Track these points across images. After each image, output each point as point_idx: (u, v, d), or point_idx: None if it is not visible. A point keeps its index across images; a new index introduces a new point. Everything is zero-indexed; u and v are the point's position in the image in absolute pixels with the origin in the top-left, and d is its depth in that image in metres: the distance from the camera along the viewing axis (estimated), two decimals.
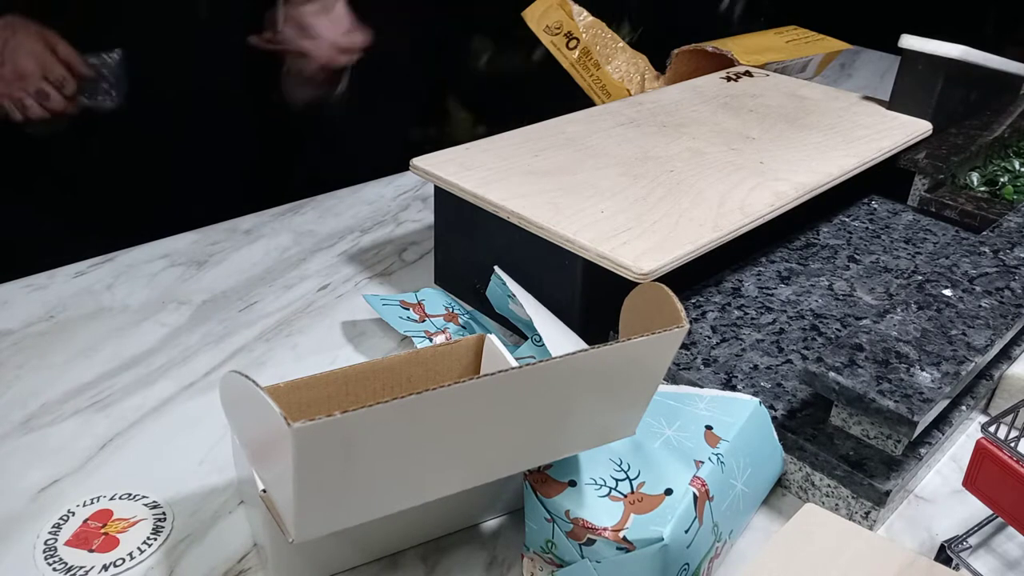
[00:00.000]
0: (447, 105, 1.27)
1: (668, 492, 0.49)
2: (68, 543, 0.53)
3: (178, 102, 0.95)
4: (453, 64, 1.26)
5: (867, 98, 0.99)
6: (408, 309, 0.73)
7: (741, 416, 0.55)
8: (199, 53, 0.97)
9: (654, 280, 0.60)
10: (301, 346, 0.73)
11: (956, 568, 0.53)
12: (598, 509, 0.48)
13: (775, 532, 0.56)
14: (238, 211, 0.94)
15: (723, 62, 1.11)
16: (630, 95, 1.04)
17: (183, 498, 0.57)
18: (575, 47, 1.03)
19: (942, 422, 0.61)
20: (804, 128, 0.89)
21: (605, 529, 0.47)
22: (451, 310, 0.74)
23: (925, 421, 0.53)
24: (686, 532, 0.48)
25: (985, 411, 0.68)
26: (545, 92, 1.17)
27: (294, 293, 0.81)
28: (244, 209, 0.95)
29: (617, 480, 0.50)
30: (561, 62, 1.05)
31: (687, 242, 0.65)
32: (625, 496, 0.49)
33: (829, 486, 0.57)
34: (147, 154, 0.96)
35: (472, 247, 0.76)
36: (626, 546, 0.47)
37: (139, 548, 0.53)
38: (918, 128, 0.90)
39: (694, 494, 0.49)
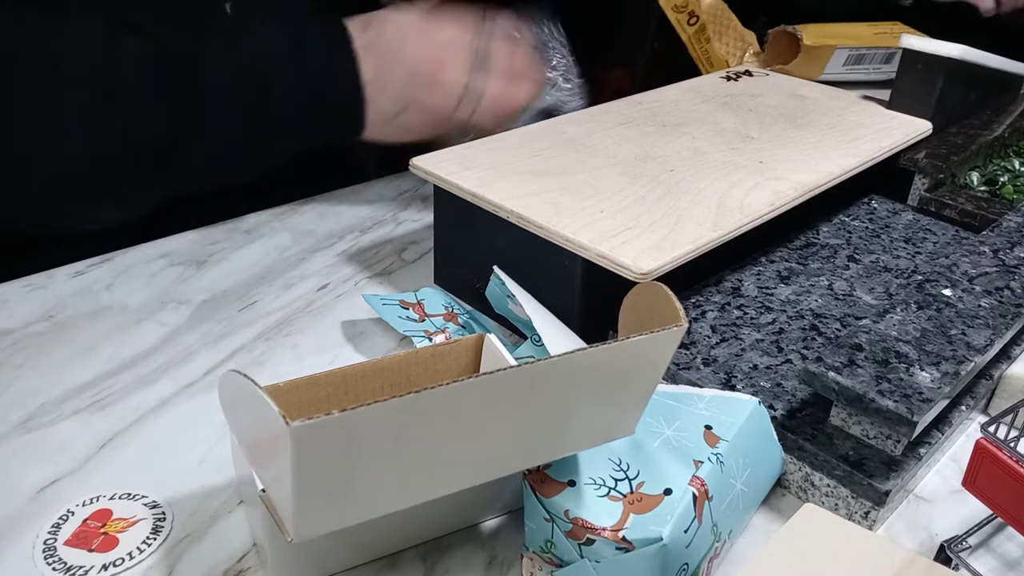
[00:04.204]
0: None
1: (667, 492, 0.49)
2: (67, 543, 0.53)
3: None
4: None
5: (867, 98, 0.99)
6: (408, 309, 0.73)
7: (740, 416, 0.55)
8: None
9: (653, 280, 0.60)
10: (301, 346, 0.73)
11: (956, 568, 0.53)
12: (597, 509, 0.48)
13: (775, 532, 0.56)
14: (238, 211, 0.94)
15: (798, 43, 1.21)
16: (728, 66, 1.18)
17: (183, 498, 0.57)
18: (695, 23, 1.19)
19: (942, 422, 0.61)
20: (804, 127, 0.89)
21: (604, 529, 0.47)
22: (451, 310, 0.74)
23: (925, 421, 0.53)
24: (685, 532, 0.48)
25: (985, 411, 0.68)
26: None
27: (294, 293, 0.81)
28: (244, 209, 0.95)
29: (616, 480, 0.50)
30: (681, 35, 1.21)
31: (687, 242, 0.65)
32: (624, 496, 0.49)
33: (829, 486, 0.57)
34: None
35: (472, 247, 0.76)
36: (625, 546, 0.47)
37: (139, 548, 0.53)
38: (918, 128, 0.90)
39: (693, 494, 0.49)
